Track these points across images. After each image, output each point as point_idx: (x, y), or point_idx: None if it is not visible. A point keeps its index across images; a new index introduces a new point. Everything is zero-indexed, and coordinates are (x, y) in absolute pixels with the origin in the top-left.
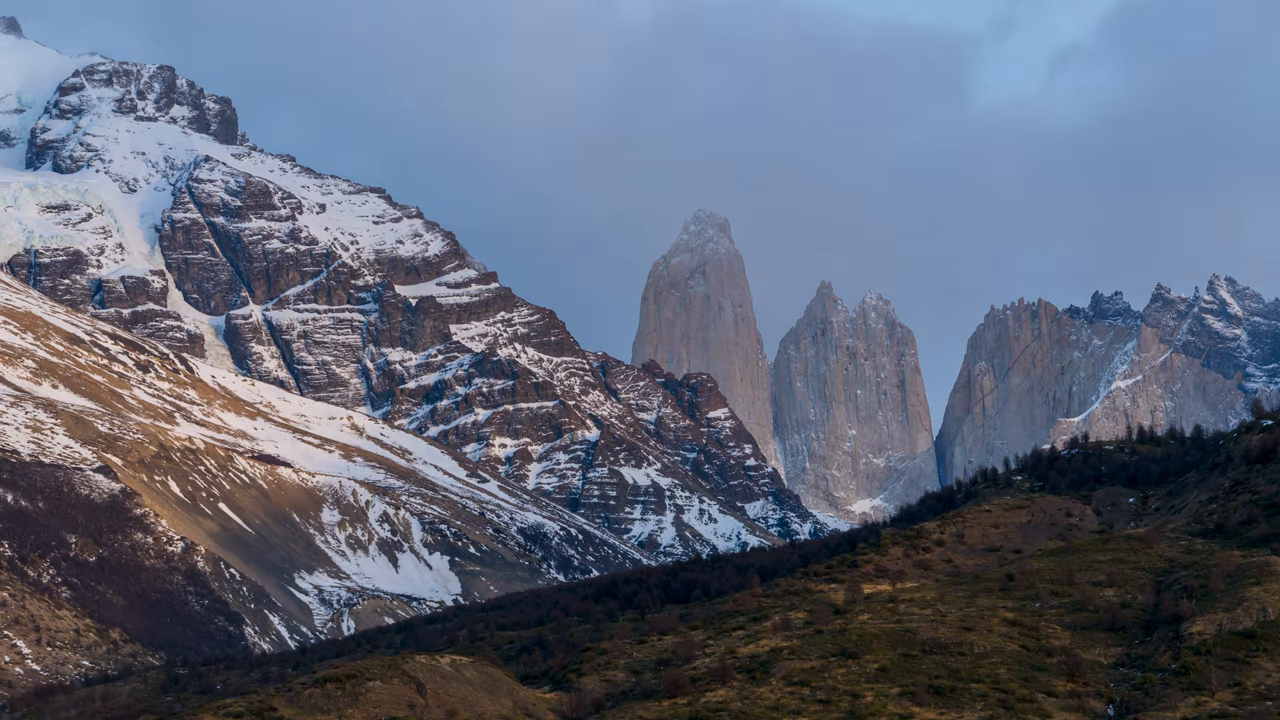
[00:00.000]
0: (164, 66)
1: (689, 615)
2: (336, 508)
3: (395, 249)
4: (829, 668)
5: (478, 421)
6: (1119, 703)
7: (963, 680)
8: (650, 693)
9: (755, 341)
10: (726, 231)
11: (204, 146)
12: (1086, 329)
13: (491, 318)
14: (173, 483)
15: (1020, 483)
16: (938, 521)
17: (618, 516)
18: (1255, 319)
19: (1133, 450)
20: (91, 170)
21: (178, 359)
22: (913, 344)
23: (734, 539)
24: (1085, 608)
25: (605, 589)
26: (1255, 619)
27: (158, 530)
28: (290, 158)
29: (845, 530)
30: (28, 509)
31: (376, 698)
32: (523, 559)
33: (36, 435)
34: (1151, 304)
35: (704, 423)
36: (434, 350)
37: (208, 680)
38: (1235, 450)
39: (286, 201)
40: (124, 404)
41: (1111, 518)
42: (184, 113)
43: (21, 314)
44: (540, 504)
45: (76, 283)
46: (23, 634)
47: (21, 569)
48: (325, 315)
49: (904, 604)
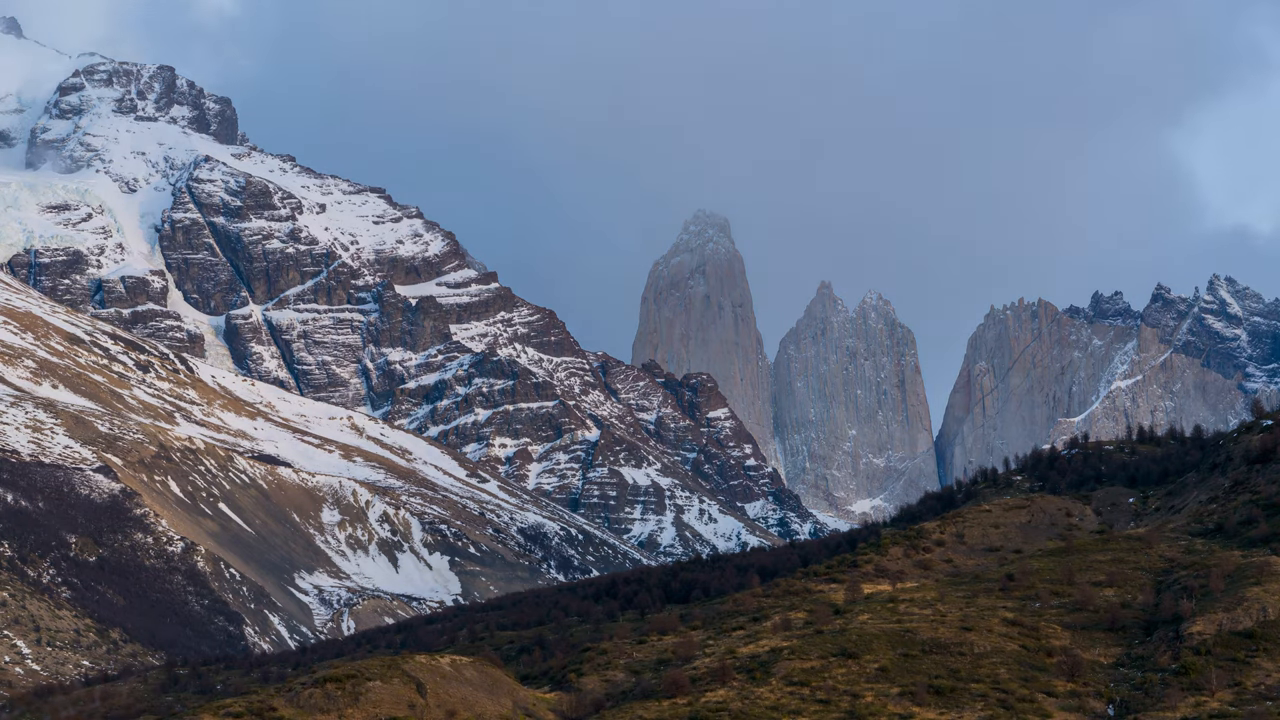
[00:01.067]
0: (164, 66)
1: (689, 615)
2: (336, 508)
3: (395, 249)
4: (829, 668)
5: (478, 421)
6: (1119, 703)
7: (963, 680)
8: (650, 693)
9: (755, 341)
10: (726, 231)
11: (204, 146)
12: (1086, 329)
13: (491, 318)
14: (173, 483)
15: (1020, 483)
16: (938, 521)
17: (618, 516)
18: (1255, 319)
19: (1133, 450)
20: (91, 170)
21: (178, 359)
22: (913, 344)
23: (734, 539)
24: (1085, 608)
25: (605, 589)
26: (1255, 619)
27: (158, 530)
28: (290, 158)
29: (845, 530)
30: (28, 509)
31: (376, 698)
32: (523, 559)
33: (36, 435)
34: (1151, 304)
35: (704, 423)
36: (434, 350)
37: (208, 680)
38: (1235, 450)
39: (286, 201)
40: (124, 404)
41: (1111, 518)
42: (184, 113)
43: (21, 314)
44: (540, 504)
45: (76, 283)
46: (23, 634)
47: (21, 569)
48: (325, 315)
49: (904, 604)
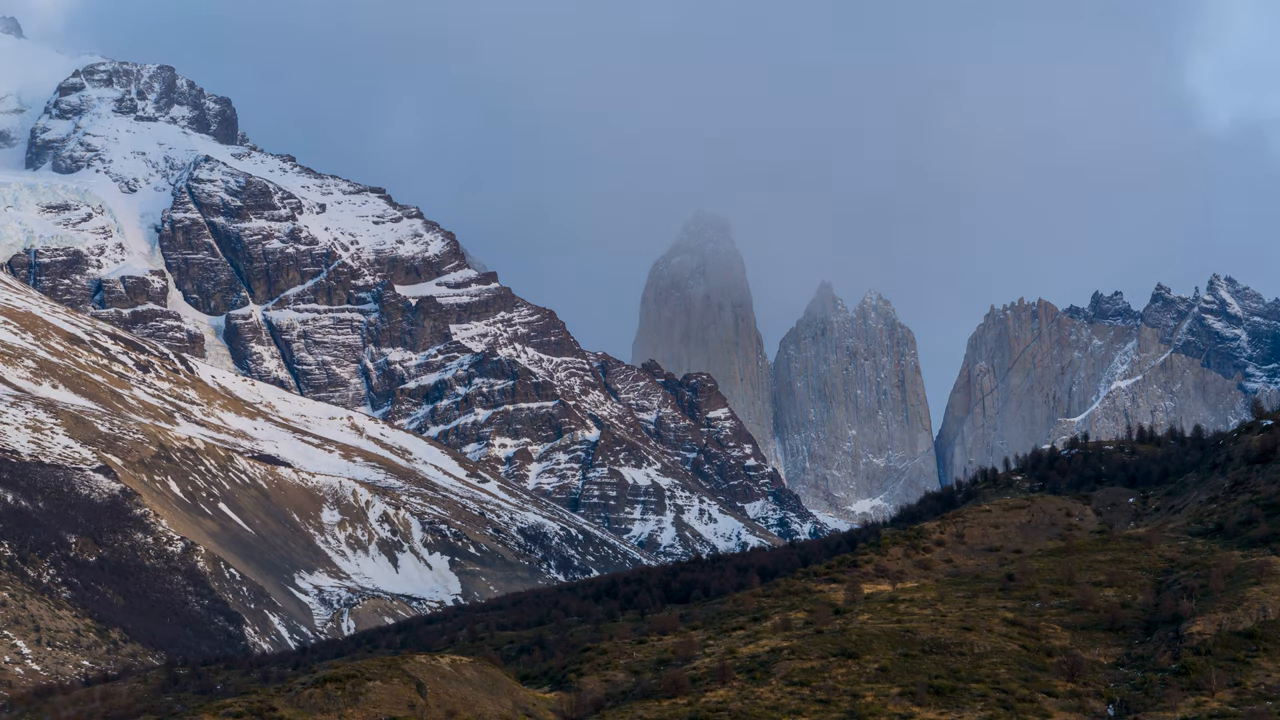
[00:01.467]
0: (164, 66)
1: (689, 615)
2: (336, 508)
3: (395, 249)
4: (829, 668)
5: (478, 421)
6: (1119, 703)
7: (963, 680)
8: (650, 693)
9: (755, 341)
10: (726, 231)
11: (204, 146)
12: (1086, 329)
13: (491, 318)
14: (173, 483)
15: (1020, 483)
16: (938, 521)
17: (618, 516)
18: (1255, 319)
19: (1133, 450)
20: (91, 170)
21: (178, 359)
22: (913, 344)
23: (734, 539)
24: (1085, 608)
25: (605, 589)
26: (1255, 619)
27: (158, 530)
28: (290, 158)
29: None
30: (28, 509)
31: (376, 698)
32: (523, 559)
33: (36, 435)
34: (1151, 304)
35: (704, 423)
36: (434, 350)
37: (208, 680)
38: (1235, 450)
39: (286, 201)
40: (124, 404)
41: (1111, 518)
42: (184, 113)
43: (21, 314)
44: (540, 504)
45: (76, 283)
46: (23, 634)
47: (21, 569)
48: (325, 315)
49: (904, 604)
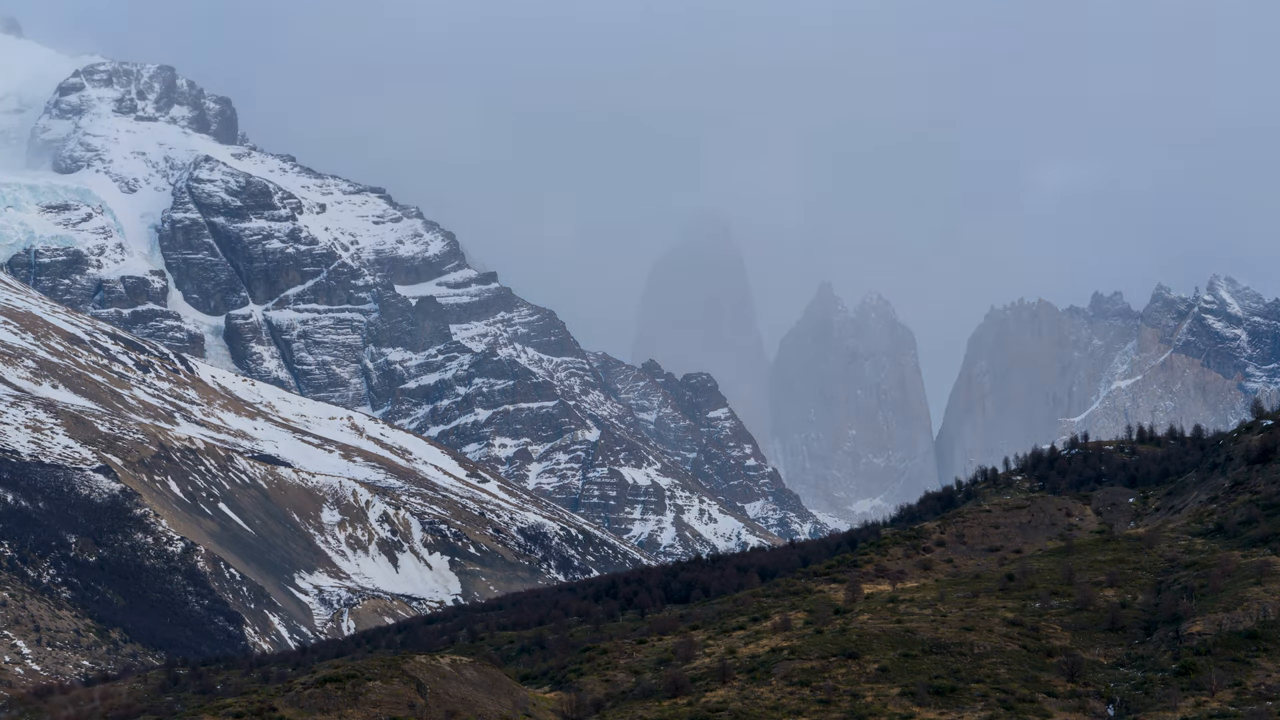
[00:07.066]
0: (164, 66)
1: (689, 615)
2: (336, 508)
3: (395, 249)
4: (829, 668)
5: (478, 421)
6: (1119, 703)
7: (963, 680)
8: (650, 693)
9: (755, 341)
10: (727, 231)
11: (204, 146)
12: (1086, 329)
13: (491, 318)
14: (173, 483)
15: (1020, 483)
16: (938, 521)
17: (618, 516)
18: (1255, 319)
19: (1133, 450)
20: (91, 170)
21: (178, 359)
22: (913, 344)
23: (734, 539)
24: (1085, 608)
25: (605, 589)
26: (1255, 619)
27: (158, 530)
28: (290, 158)
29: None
30: (28, 509)
31: (376, 698)
32: (523, 559)
33: (36, 435)
34: (1151, 304)
35: (704, 423)
36: (434, 350)
37: (208, 680)
38: (1235, 450)
39: (286, 201)
40: (124, 404)
41: (1111, 518)
42: (184, 113)
43: (21, 314)
44: (540, 504)
45: (76, 283)
46: (23, 634)
47: (21, 569)
48: (325, 315)
49: (904, 604)
